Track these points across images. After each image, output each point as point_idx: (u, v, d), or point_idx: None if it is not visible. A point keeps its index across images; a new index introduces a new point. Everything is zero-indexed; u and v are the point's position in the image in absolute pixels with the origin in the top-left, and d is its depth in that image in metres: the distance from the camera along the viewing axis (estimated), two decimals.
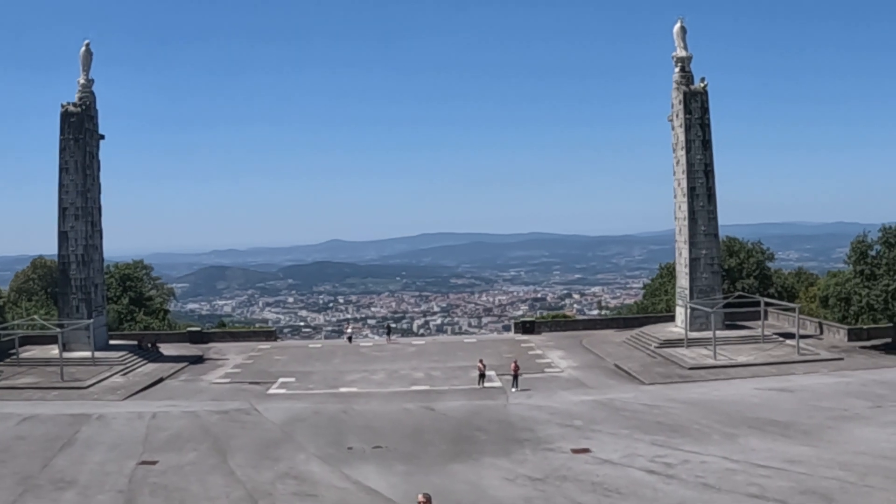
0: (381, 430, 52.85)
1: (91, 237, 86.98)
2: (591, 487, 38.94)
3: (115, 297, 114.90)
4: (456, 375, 74.12)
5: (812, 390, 61.59)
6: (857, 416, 52.10)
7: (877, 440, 45.69)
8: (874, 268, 77.34)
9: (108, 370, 77.52)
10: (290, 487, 40.61)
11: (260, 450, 48.37)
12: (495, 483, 40.36)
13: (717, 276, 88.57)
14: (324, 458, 46.18)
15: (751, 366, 72.92)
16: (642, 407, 57.84)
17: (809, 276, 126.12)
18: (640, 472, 41.13)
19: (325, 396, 66.26)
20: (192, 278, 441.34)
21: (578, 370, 75.44)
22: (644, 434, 49.37)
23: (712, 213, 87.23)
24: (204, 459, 46.52)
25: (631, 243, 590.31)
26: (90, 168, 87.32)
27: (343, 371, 78.37)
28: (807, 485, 37.41)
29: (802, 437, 47.23)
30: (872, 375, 67.11)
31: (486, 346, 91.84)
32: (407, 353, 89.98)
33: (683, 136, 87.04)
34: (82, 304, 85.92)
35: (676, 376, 70.45)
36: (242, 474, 43.06)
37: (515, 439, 49.36)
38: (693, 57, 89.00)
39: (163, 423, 56.33)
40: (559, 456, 45.18)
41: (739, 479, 38.96)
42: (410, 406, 60.89)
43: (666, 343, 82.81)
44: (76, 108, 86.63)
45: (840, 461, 41.26)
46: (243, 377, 76.57)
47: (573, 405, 59.47)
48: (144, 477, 43.02)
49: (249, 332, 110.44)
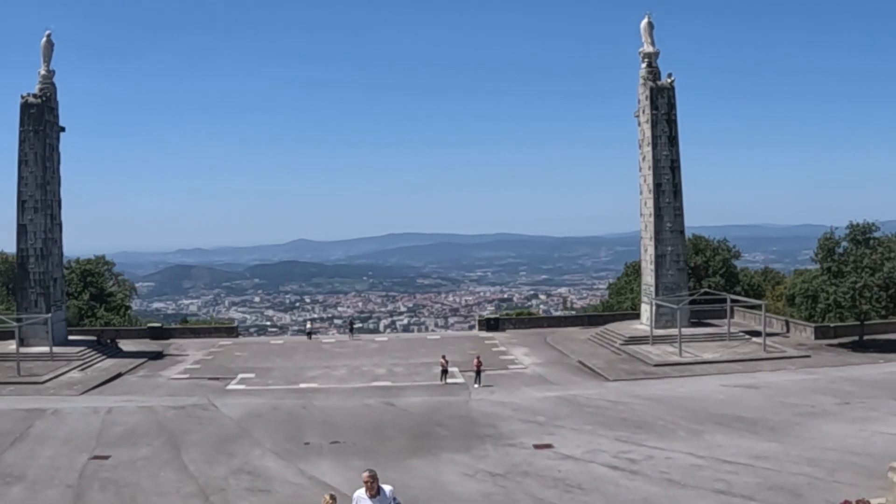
0: (339, 426, 51.85)
1: (50, 230, 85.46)
2: (553, 483, 38.01)
3: (75, 292, 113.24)
4: (418, 371, 73.39)
5: (779, 387, 61.11)
6: (825, 413, 51.58)
7: (845, 436, 45.05)
8: (841, 265, 77.16)
9: (66, 365, 76.06)
10: (244, 483, 39.48)
11: (215, 445, 47.22)
12: (454, 478, 39.36)
13: (683, 274, 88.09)
14: (280, 453, 45.09)
15: (717, 363, 72.61)
16: (606, 403, 57.07)
17: (776, 275, 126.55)
18: (603, 468, 40.24)
19: (285, 392, 65.18)
20: (157, 277, 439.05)
21: (542, 367, 74.74)
22: (608, 430, 48.55)
23: (678, 210, 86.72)
24: (157, 454, 45.35)
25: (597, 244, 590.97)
26: (50, 160, 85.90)
27: (304, 367, 77.38)
28: (774, 480, 36.60)
29: (769, 433, 46.54)
30: (840, 372, 66.84)
31: (450, 342, 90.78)
32: (369, 349, 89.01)
33: (650, 132, 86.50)
34: (41, 299, 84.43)
35: (641, 373, 69.87)
36: (195, 469, 41.92)
37: (476, 435, 48.41)
38: (660, 53, 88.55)
39: (118, 418, 55.11)
40: (521, 452, 44.26)
41: (705, 475, 38.13)
42: (371, 402, 59.95)
43: (631, 340, 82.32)
44: (36, 99, 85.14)
45: (808, 457, 40.55)
46: (202, 373, 75.43)
47: (536, 401, 58.64)
48: (95, 472, 41.82)
49: (210, 327, 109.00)
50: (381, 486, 22.92)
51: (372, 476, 22.57)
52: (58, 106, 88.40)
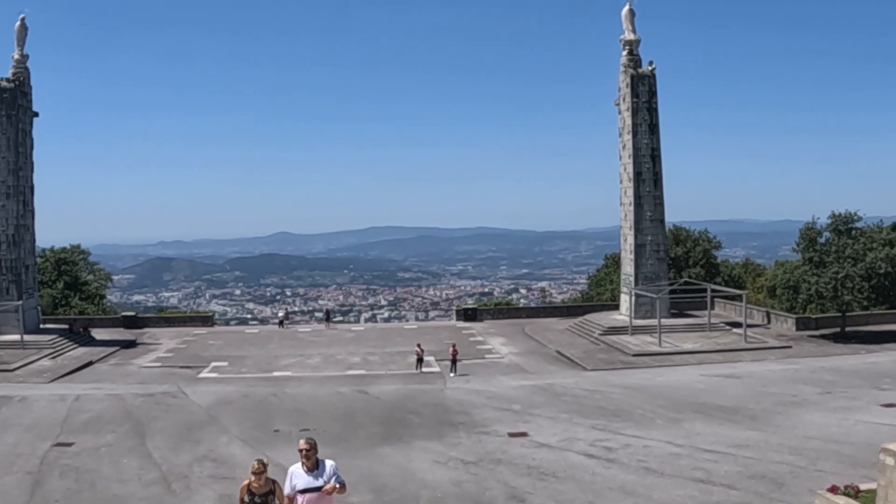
0: (310, 413, 50.80)
1: (22, 217, 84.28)
2: (527, 471, 36.82)
3: (49, 281, 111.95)
4: (394, 360, 72.44)
5: (759, 376, 60.42)
6: (807, 402, 50.73)
7: (827, 425, 44.14)
8: (823, 255, 76.62)
9: (37, 353, 74.82)
10: (207, 470, 38.25)
11: (181, 432, 46.00)
12: (425, 466, 38.14)
13: (662, 263, 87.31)
14: (247, 440, 43.95)
15: (697, 353, 72.01)
16: (583, 392, 56.18)
17: (757, 268, 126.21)
18: (578, 457, 39.09)
19: (257, 380, 64.14)
20: (137, 269, 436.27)
21: (519, 356, 73.95)
22: (584, 418, 47.52)
23: (658, 199, 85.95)
24: (122, 441, 44.10)
25: (578, 239, 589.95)
26: (23, 146, 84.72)
27: (278, 356, 76.40)
28: (755, 469, 35.51)
29: (750, 422, 45.58)
30: (821, 363, 66.29)
31: (427, 332, 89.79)
32: (345, 338, 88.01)
33: (630, 120, 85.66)
34: (12, 286, 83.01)
35: (620, 363, 69.19)
36: (159, 456, 40.67)
37: (450, 423, 47.33)
38: (641, 40, 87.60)
39: (85, 406, 53.91)
40: (494, 440, 43.13)
41: (684, 464, 37.01)
42: (344, 390, 58.88)
43: (610, 330, 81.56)
44: (9, 83, 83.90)
45: (790, 446, 39.52)
46: (175, 361, 74.39)
47: (512, 390, 57.72)
48: (57, 458, 40.52)
49: (185, 316, 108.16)
50: (320, 459, 20.68)
51: (310, 444, 20.67)
52: (31, 91, 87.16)
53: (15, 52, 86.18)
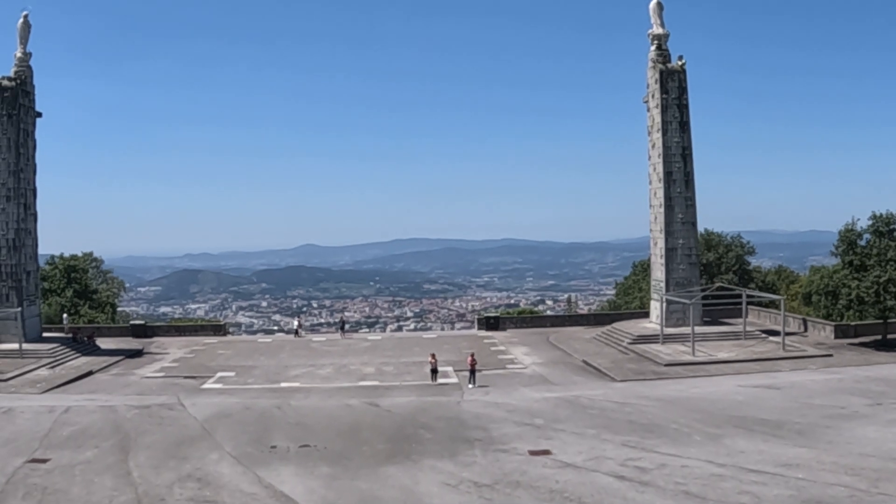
0: (313, 428, 47.04)
1: (24, 220, 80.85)
2: (549, 496, 32.83)
3: (58, 289, 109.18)
4: (409, 371, 68.69)
5: (801, 387, 56.58)
6: (857, 415, 46.79)
7: (883, 440, 40.19)
8: (864, 258, 72.86)
9: (36, 362, 71.73)
10: (189, 492, 34.33)
11: (169, 448, 42.30)
12: (433, 489, 34.14)
13: (694, 268, 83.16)
14: (239, 457, 40.02)
15: (732, 362, 68.16)
16: (612, 405, 52.22)
17: (790, 274, 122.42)
18: (608, 478, 35.13)
19: (262, 391, 60.55)
20: (164, 282, 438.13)
21: (543, 367, 70.07)
22: (613, 434, 43.61)
23: (690, 200, 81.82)
24: (102, 458, 40.56)
25: (604, 250, 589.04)
26: (24, 147, 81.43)
27: (288, 366, 72.86)
28: (809, 493, 31.39)
29: (797, 437, 41.55)
30: (866, 372, 62.52)
31: (446, 341, 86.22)
32: (360, 348, 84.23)
33: (660, 118, 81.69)
34: (12, 293, 79.71)
35: (651, 373, 65.33)
36: (139, 475, 36.97)
37: (465, 439, 43.35)
38: (670, 35, 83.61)
39: (73, 418, 50.52)
40: (514, 458, 39.14)
41: (728, 487, 33.00)
42: (353, 402, 55.16)
43: (640, 339, 77.66)
44: (11, 82, 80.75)
45: (845, 465, 35.46)
46: (179, 371, 71.05)
47: (534, 402, 53.84)
48: (25, 477, 37.12)
49: (196, 325, 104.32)
50: None
51: None
52: (34, 90, 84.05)
53: (18, 49, 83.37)
